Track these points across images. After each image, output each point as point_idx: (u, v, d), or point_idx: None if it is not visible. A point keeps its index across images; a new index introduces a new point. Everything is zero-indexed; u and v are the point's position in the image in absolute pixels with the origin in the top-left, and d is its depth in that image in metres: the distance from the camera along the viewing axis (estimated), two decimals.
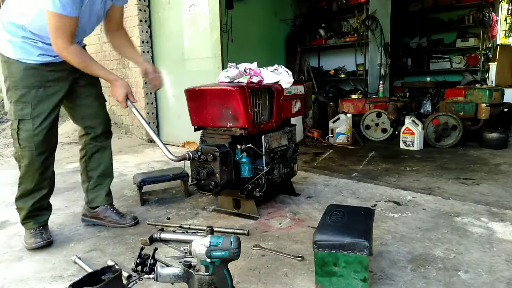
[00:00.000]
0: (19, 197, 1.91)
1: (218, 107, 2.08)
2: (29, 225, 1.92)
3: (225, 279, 1.28)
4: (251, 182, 2.13)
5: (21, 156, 1.80)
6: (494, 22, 6.00)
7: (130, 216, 2.18)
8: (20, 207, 1.92)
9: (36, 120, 1.76)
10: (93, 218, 2.17)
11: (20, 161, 1.83)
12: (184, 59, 4.40)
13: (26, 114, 1.75)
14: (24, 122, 1.75)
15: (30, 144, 1.77)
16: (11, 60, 1.74)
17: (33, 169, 1.82)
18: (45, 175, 1.89)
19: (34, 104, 1.76)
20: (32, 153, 1.78)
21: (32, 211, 1.91)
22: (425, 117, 4.43)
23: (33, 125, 1.76)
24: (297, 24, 6.30)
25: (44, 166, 1.85)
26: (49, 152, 1.87)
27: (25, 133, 1.76)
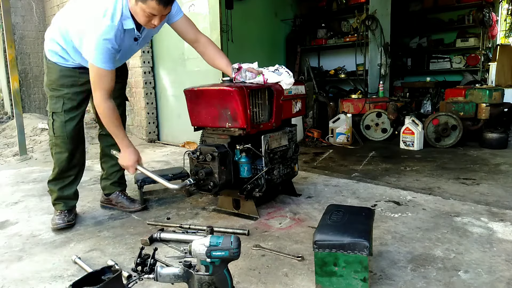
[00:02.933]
0: (52, 179, 2.16)
1: (217, 107, 2.08)
2: (59, 206, 2.17)
3: (225, 279, 1.28)
4: (250, 183, 2.13)
5: (54, 143, 2.08)
6: (494, 22, 6.00)
7: (139, 202, 2.44)
8: (51, 189, 2.18)
9: (67, 113, 2.04)
10: (108, 204, 2.47)
11: (52, 148, 2.10)
12: (184, 59, 4.40)
13: (58, 107, 2.04)
14: (57, 114, 2.05)
15: (62, 133, 2.05)
16: (51, 62, 2.04)
17: (64, 156, 2.08)
18: (74, 163, 2.15)
19: (65, 99, 2.04)
20: (63, 140, 2.05)
21: (62, 194, 2.16)
22: (425, 117, 4.43)
23: (64, 117, 2.04)
24: (297, 24, 6.31)
25: (73, 154, 2.11)
26: (77, 141, 2.12)
27: (58, 123, 2.05)
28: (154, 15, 1.78)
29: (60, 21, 1.97)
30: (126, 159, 1.99)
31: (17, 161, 4.03)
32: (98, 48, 1.76)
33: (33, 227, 2.19)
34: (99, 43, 1.75)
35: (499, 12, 6.69)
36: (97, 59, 1.78)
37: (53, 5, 6.59)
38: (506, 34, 7.09)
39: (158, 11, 1.75)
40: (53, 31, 2.00)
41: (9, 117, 6.48)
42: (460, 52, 6.17)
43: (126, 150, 1.99)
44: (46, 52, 2.05)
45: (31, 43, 6.80)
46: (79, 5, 1.92)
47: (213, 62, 2.20)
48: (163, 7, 1.74)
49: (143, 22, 1.83)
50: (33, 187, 3.03)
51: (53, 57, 2.03)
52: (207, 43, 2.18)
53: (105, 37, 1.76)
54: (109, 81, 1.84)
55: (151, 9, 1.74)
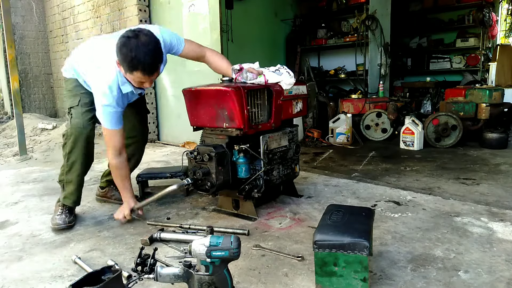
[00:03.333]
0: (68, 170, 2.18)
1: (214, 107, 2.08)
2: (68, 201, 2.20)
3: (225, 279, 1.28)
4: (248, 183, 2.13)
5: (70, 133, 2.14)
6: (494, 22, 6.00)
7: None
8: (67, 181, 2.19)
9: (83, 106, 2.15)
10: (103, 197, 2.60)
11: (68, 137, 2.15)
12: (184, 59, 4.39)
13: (75, 102, 2.16)
14: (75, 108, 2.16)
15: (79, 123, 2.13)
16: (67, 78, 2.24)
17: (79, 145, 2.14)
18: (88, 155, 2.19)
19: (82, 97, 2.17)
20: (80, 130, 2.12)
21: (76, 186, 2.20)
22: (425, 117, 4.43)
23: (81, 109, 2.15)
24: (297, 24, 6.31)
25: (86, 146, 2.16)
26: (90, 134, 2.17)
27: (75, 114, 2.15)
28: (143, 82, 1.91)
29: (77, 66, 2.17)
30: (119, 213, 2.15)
31: (17, 161, 4.03)
32: (104, 114, 1.99)
33: (33, 227, 2.19)
34: (105, 111, 1.98)
35: (499, 12, 6.69)
36: (105, 123, 2.00)
37: (53, 5, 6.59)
38: (506, 34, 7.09)
39: (146, 79, 1.88)
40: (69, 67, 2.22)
41: (9, 117, 6.48)
42: (460, 52, 6.17)
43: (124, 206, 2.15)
44: (63, 72, 2.26)
45: (31, 43, 6.80)
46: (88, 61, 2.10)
47: (217, 68, 2.30)
48: (148, 76, 1.87)
49: (137, 86, 1.99)
50: (33, 187, 3.03)
51: (68, 74, 2.23)
52: (211, 55, 2.29)
53: (107, 105, 1.96)
54: (118, 139, 2.04)
55: (138, 79, 1.87)
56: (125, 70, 1.85)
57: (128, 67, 1.82)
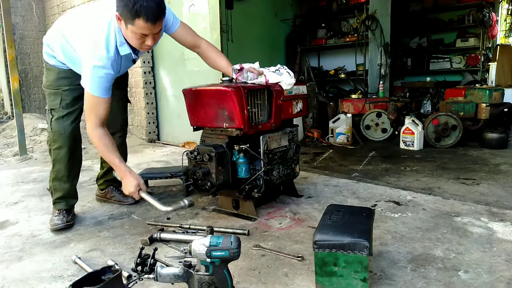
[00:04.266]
0: (54, 178, 2.16)
1: (214, 107, 2.08)
2: (60, 205, 2.16)
3: (225, 279, 1.28)
4: (248, 183, 2.13)
5: (52, 139, 2.09)
6: (494, 22, 6.00)
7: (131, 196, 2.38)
8: (54, 188, 2.17)
9: (65, 108, 2.07)
10: (103, 197, 2.56)
11: (51, 144, 2.10)
12: (184, 59, 4.40)
13: (56, 104, 2.07)
14: (56, 110, 2.07)
15: (60, 128, 2.06)
16: (49, 64, 2.10)
17: (63, 152, 2.09)
18: (74, 159, 2.15)
19: (63, 96, 2.07)
20: (61, 135, 2.06)
21: (64, 193, 2.16)
22: (425, 117, 4.43)
23: (62, 112, 2.06)
24: (297, 24, 6.31)
25: (72, 150, 2.11)
26: (75, 137, 2.12)
27: (56, 118, 2.07)
28: (145, 35, 1.76)
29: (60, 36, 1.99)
30: (128, 187, 1.90)
31: (17, 161, 4.03)
32: (93, 78, 1.80)
33: (33, 227, 2.19)
34: (93, 73, 1.79)
35: (499, 12, 6.69)
36: (92, 88, 1.81)
37: (53, 5, 6.59)
38: (506, 34, 7.09)
39: (148, 30, 1.72)
40: (52, 41, 2.04)
41: (9, 117, 6.48)
42: (460, 52, 6.17)
43: (126, 177, 1.91)
44: (44, 55, 2.11)
45: (31, 43, 6.80)
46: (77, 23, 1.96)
47: (214, 65, 2.22)
48: (152, 25, 1.71)
49: (137, 45, 1.82)
50: (33, 187, 3.03)
51: (51, 60, 2.08)
52: (208, 47, 2.19)
53: (99, 66, 1.79)
54: (104, 109, 1.86)
55: (141, 30, 1.72)
56: (126, 20, 1.70)
57: (130, 15, 1.67)
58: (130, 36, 1.78)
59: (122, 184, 1.95)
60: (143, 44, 1.81)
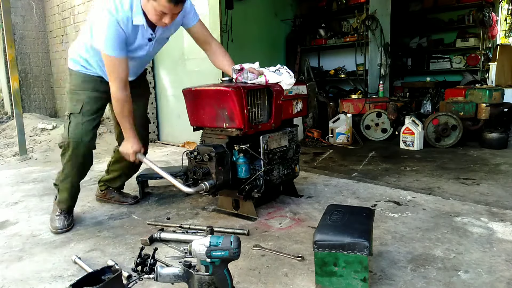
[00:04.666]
0: (62, 180, 2.16)
1: (214, 107, 2.08)
2: (63, 206, 2.17)
3: (225, 279, 1.28)
4: (248, 183, 2.13)
5: (67, 145, 2.06)
6: (494, 22, 5.99)
7: (131, 196, 2.56)
8: (61, 188, 2.17)
9: (84, 115, 2.07)
10: (103, 198, 2.57)
11: (66, 149, 2.08)
12: (184, 59, 4.40)
13: (77, 109, 2.06)
14: (75, 115, 2.07)
15: (77, 136, 2.05)
16: (73, 71, 2.11)
17: (76, 159, 2.08)
18: (85, 168, 2.17)
19: (85, 103, 2.07)
20: (78, 143, 2.04)
21: (70, 195, 2.18)
22: (425, 117, 4.43)
23: (81, 118, 2.06)
24: (297, 24, 6.31)
25: (84, 159, 2.11)
26: (90, 146, 2.11)
27: (74, 124, 2.06)
28: (165, 14, 1.78)
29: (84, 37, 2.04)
30: (127, 147, 2.03)
31: (17, 161, 4.03)
32: (109, 33, 1.78)
33: (33, 227, 2.19)
34: (110, 29, 1.78)
35: (499, 12, 6.69)
36: (107, 45, 1.80)
37: (53, 5, 6.59)
38: (506, 34, 7.09)
39: (169, 9, 1.76)
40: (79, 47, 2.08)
41: (9, 117, 6.48)
42: (460, 52, 6.16)
43: (130, 139, 2.03)
44: (69, 64, 2.14)
45: (31, 43, 6.80)
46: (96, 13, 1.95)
47: (217, 64, 2.26)
48: (173, 5, 1.75)
49: (154, 20, 1.84)
50: (33, 187, 3.03)
51: (75, 66, 2.10)
52: (217, 47, 2.24)
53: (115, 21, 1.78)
54: (124, 69, 1.88)
55: (162, 7, 1.75)
56: None
57: None
58: (150, 10, 1.80)
59: (122, 144, 2.06)
60: (160, 21, 1.83)
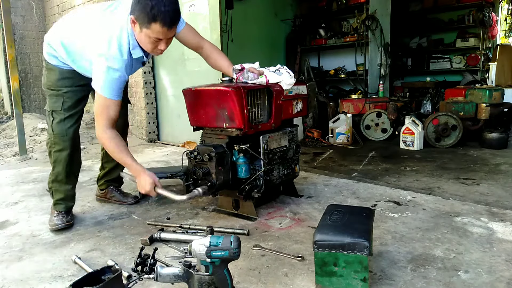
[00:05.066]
0: (53, 180, 2.15)
1: (214, 107, 2.08)
2: (59, 207, 2.16)
3: (225, 279, 1.28)
4: (248, 183, 2.13)
5: (53, 142, 2.06)
6: (494, 22, 6.00)
7: (132, 196, 2.55)
8: (55, 189, 2.16)
9: (66, 111, 2.05)
10: (103, 197, 2.56)
11: (51, 146, 2.08)
12: (184, 59, 4.40)
13: (58, 106, 2.04)
14: (57, 112, 2.05)
15: (62, 131, 2.04)
16: (50, 64, 2.06)
17: (64, 154, 2.07)
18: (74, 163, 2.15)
19: (65, 97, 2.05)
20: (63, 138, 2.04)
21: (65, 195, 2.16)
22: (425, 117, 4.43)
23: (63, 115, 2.04)
24: (297, 24, 6.31)
25: (73, 152, 2.10)
26: (75, 140, 2.11)
27: (57, 121, 2.05)
28: (159, 40, 1.76)
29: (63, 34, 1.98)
30: (143, 185, 1.88)
31: (17, 161, 4.03)
32: (106, 80, 1.78)
33: (33, 227, 2.19)
34: (108, 75, 1.78)
35: (499, 12, 6.70)
36: (105, 90, 1.79)
37: (53, 5, 6.59)
38: (506, 34, 7.10)
39: (163, 34, 1.73)
40: (54, 41, 2.00)
41: (9, 117, 6.48)
42: (460, 52, 6.17)
43: (140, 176, 1.88)
44: (45, 55, 2.07)
45: (31, 43, 6.80)
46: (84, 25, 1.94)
47: (215, 65, 2.22)
48: (168, 30, 1.72)
49: (150, 49, 1.82)
50: (33, 187, 3.03)
51: (52, 60, 2.04)
52: (210, 48, 2.19)
53: (114, 69, 1.78)
54: (115, 111, 1.84)
55: (156, 34, 1.72)
56: (142, 23, 1.70)
57: (147, 18, 1.67)
58: (144, 40, 1.78)
59: (137, 183, 1.91)
60: (156, 49, 1.81)
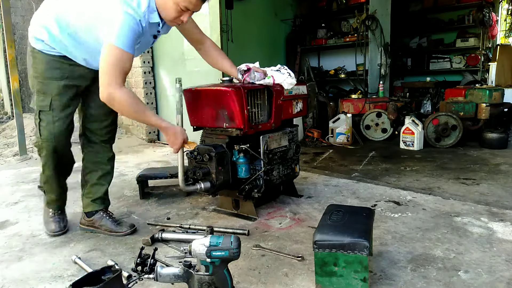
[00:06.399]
0: (45, 182, 2.02)
1: (214, 107, 2.08)
2: (53, 207, 2.07)
3: (225, 279, 1.28)
4: (248, 183, 2.13)
5: (41, 146, 1.86)
6: (494, 22, 5.99)
7: (127, 224, 2.07)
8: (47, 190, 2.05)
9: (56, 112, 1.80)
10: (90, 226, 2.08)
11: (40, 150, 1.89)
12: (184, 59, 4.40)
13: (46, 105, 1.79)
14: (45, 113, 1.80)
15: (50, 136, 1.81)
16: (36, 50, 1.78)
17: (53, 159, 1.88)
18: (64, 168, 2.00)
19: (54, 95, 1.79)
20: (51, 142, 1.82)
21: (57, 196, 2.05)
22: (425, 117, 4.43)
23: (53, 116, 1.80)
24: (297, 24, 6.30)
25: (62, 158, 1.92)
26: (66, 145, 1.91)
27: (45, 123, 1.80)
28: (187, 10, 1.67)
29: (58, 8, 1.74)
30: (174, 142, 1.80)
31: (17, 161, 4.03)
32: (122, 26, 1.56)
33: (33, 227, 2.19)
34: (125, 20, 1.56)
35: (499, 12, 6.70)
36: (119, 38, 1.56)
37: None
38: (506, 34, 7.10)
39: (195, 5, 1.65)
40: (46, 18, 1.76)
41: (9, 117, 6.47)
42: (460, 52, 6.17)
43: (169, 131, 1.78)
44: (31, 39, 1.80)
45: None
46: None
47: (217, 64, 2.17)
48: (201, 2, 1.65)
49: (172, 17, 1.69)
50: (33, 187, 3.03)
51: (38, 44, 1.78)
52: (211, 46, 2.16)
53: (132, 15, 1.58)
54: (129, 65, 1.64)
55: (187, 3, 1.63)
56: None
57: None
58: (170, 5, 1.65)
59: (167, 139, 1.81)
60: (177, 19, 1.69)
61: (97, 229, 2.06)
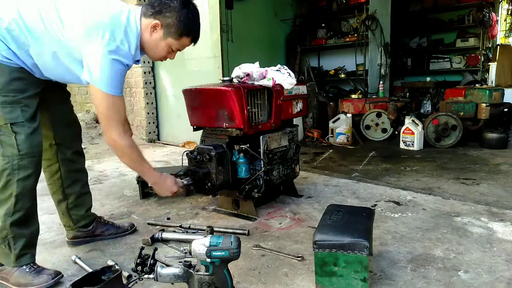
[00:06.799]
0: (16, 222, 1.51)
1: (214, 107, 2.08)
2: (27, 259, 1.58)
3: (225, 279, 1.28)
4: (248, 183, 2.13)
5: (18, 166, 1.47)
6: (494, 22, 5.99)
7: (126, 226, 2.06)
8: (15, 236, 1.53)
9: (30, 122, 1.51)
10: (89, 237, 1.94)
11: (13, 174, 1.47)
12: (184, 59, 4.40)
13: (18, 116, 1.48)
14: (19, 125, 1.47)
15: (31, 149, 1.50)
16: None
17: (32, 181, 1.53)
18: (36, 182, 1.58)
19: (22, 106, 1.50)
20: (33, 159, 1.51)
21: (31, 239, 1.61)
22: (425, 117, 4.43)
23: (28, 128, 1.49)
24: (297, 24, 6.31)
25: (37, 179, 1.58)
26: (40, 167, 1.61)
27: (23, 136, 1.48)
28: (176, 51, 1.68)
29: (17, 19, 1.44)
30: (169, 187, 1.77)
31: None
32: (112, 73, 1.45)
33: None
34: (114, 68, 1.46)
35: (499, 12, 6.70)
36: (108, 84, 1.45)
37: None
38: (506, 34, 7.10)
39: (185, 48, 1.68)
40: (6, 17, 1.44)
41: None
42: (460, 52, 6.17)
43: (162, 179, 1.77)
44: None
45: None
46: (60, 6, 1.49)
47: None
48: (192, 45, 1.70)
49: (159, 56, 1.67)
50: None
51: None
52: None
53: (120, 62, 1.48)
54: (124, 110, 1.58)
55: (180, 46, 1.65)
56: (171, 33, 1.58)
57: (180, 31, 1.58)
58: (161, 47, 1.63)
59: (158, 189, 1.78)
60: (165, 57, 1.70)
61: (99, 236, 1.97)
